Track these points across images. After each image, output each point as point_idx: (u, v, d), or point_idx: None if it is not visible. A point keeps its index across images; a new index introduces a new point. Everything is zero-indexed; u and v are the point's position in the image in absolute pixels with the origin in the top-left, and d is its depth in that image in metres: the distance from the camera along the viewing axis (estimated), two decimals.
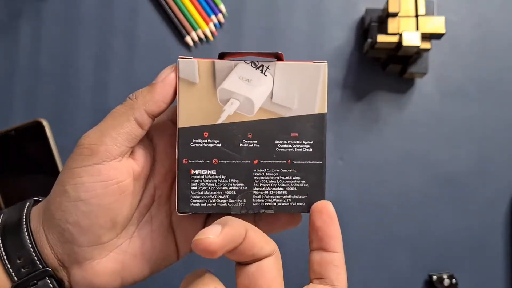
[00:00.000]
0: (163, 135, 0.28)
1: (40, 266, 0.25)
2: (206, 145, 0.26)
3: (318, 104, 0.27)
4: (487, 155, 0.49)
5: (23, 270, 0.24)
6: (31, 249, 0.24)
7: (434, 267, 0.48)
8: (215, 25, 0.50)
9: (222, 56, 0.27)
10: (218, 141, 0.26)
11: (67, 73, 0.50)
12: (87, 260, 0.25)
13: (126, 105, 0.25)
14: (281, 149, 0.26)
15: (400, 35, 0.44)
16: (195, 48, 0.50)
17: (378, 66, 0.50)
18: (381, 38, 0.45)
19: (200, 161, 0.26)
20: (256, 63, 0.26)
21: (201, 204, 0.26)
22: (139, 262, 0.27)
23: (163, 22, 0.51)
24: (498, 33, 0.50)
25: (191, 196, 0.26)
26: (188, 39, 0.50)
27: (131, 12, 0.50)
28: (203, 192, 0.26)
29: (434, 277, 0.46)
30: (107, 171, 0.24)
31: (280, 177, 0.26)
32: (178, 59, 0.26)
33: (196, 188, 0.26)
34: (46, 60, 0.50)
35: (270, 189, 0.26)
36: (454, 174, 0.49)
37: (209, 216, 0.29)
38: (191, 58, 0.26)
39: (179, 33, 0.50)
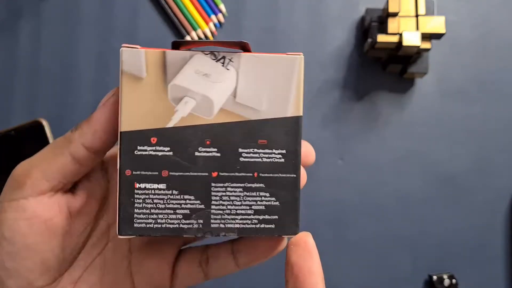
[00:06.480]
0: None
1: None
2: (153, 153, 0.21)
3: (292, 105, 0.22)
4: (487, 155, 0.49)
5: None
6: None
7: (434, 267, 0.48)
8: (215, 25, 0.50)
9: (176, 45, 0.22)
10: (168, 148, 0.21)
11: (67, 72, 0.50)
12: None
13: (66, 137, 0.22)
14: (246, 159, 0.22)
15: (400, 35, 0.44)
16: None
17: (378, 66, 0.50)
18: (381, 38, 0.45)
19: (146, 172, 0.21)
20: (217, 54, 0.22)
21: (148, 225, 0.21)
22: None
23: (163, 22, 0.51)
24: (499, 33, 0.50)
25: (135, 215, 0.21)
26: (188, 39, 0.50)
27: (131, 12, 0.50)
28: (150, 211, 0.21)
29: (434, 277, 0.46)
30: (32, 208, 0.21)
31: (245, 193, 0.22)
32: (121, 49, 0.21)
33: (141, 205, 0.21)
34: (46, 59, 0.50)
35: (232, 207, 0.22)
36: (454, 174, 0.49)
37: (180, 257, 0.25)
38: (137, 47, 0.21)
39: (179, 33, 0.50)
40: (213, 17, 0.50)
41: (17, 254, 0.21)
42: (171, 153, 0.21)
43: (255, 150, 0.22)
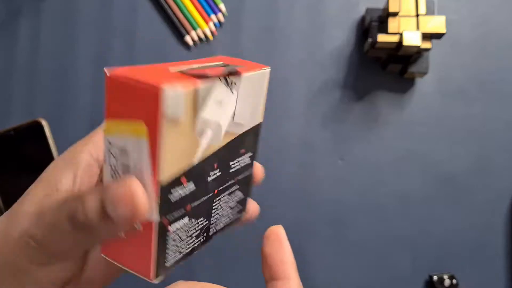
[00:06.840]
0: None
1: None
2: (184, 194, 0.19)
3: (260, 113, 0.23)
4: (487, 155, 0.49)
5: None
6: None
7: (435, 267, 0.48)
8: (215, 24, 0.50)
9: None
10: (193, 184, 0.20)
11: (67, 72, 0.50)
12: None
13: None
14: (233, 169, 0.23)
15: (401, 34, 0.44)
16: (194, 47, 0.50)
17: (378, 66, 0.50)
18: (381, 37, 0.45)
19: (176, 213, 0.19)
20: (228, 80, 0.20)
21: (175, 259, 0.21)
22: None
23: (163, 22, 0.50)
24: (499, 33, 0.50)
25: (167, 257, 0.20)
26: (187, 38, 0.50)
27: (131, 12, 0.50)
28: (177, 246, 0.20)
29: (435, 278, 0.46)
30: (48, 275, 0.21)
31: (229, 197, 0.23)
32: (164, 92, 0.16)
33: (172, 246, 0.20)
34: (45, 59, 0.50)
35: (221, 213, 0.23)
36: (454, 174, 0.49)
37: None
38: (179, 89, 0.17)
39: (178, 33, 0.50)
40: (213, 16, 0.50)
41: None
42: (194, 187, 0.20)
43: (238, 159, 0.23)
